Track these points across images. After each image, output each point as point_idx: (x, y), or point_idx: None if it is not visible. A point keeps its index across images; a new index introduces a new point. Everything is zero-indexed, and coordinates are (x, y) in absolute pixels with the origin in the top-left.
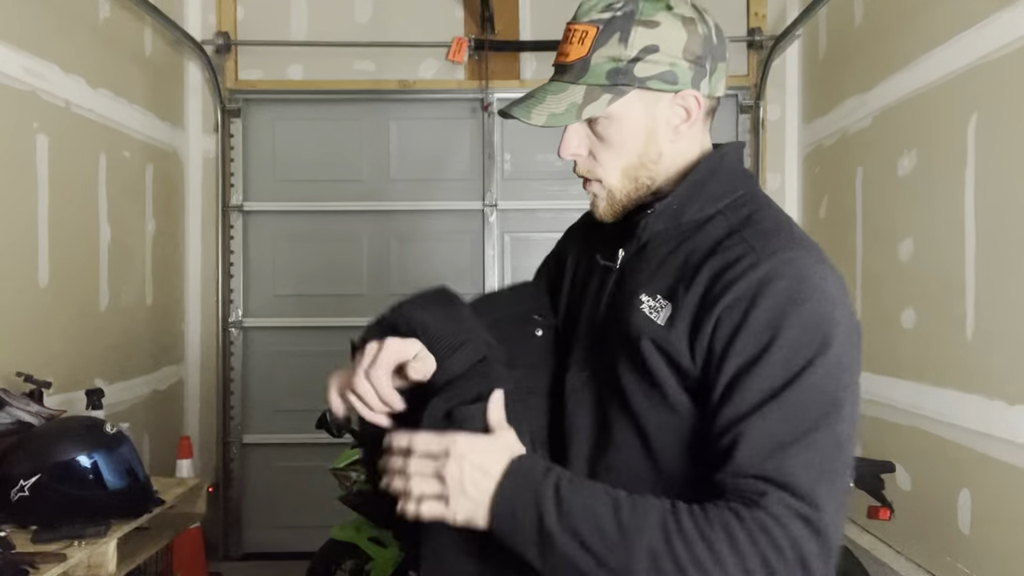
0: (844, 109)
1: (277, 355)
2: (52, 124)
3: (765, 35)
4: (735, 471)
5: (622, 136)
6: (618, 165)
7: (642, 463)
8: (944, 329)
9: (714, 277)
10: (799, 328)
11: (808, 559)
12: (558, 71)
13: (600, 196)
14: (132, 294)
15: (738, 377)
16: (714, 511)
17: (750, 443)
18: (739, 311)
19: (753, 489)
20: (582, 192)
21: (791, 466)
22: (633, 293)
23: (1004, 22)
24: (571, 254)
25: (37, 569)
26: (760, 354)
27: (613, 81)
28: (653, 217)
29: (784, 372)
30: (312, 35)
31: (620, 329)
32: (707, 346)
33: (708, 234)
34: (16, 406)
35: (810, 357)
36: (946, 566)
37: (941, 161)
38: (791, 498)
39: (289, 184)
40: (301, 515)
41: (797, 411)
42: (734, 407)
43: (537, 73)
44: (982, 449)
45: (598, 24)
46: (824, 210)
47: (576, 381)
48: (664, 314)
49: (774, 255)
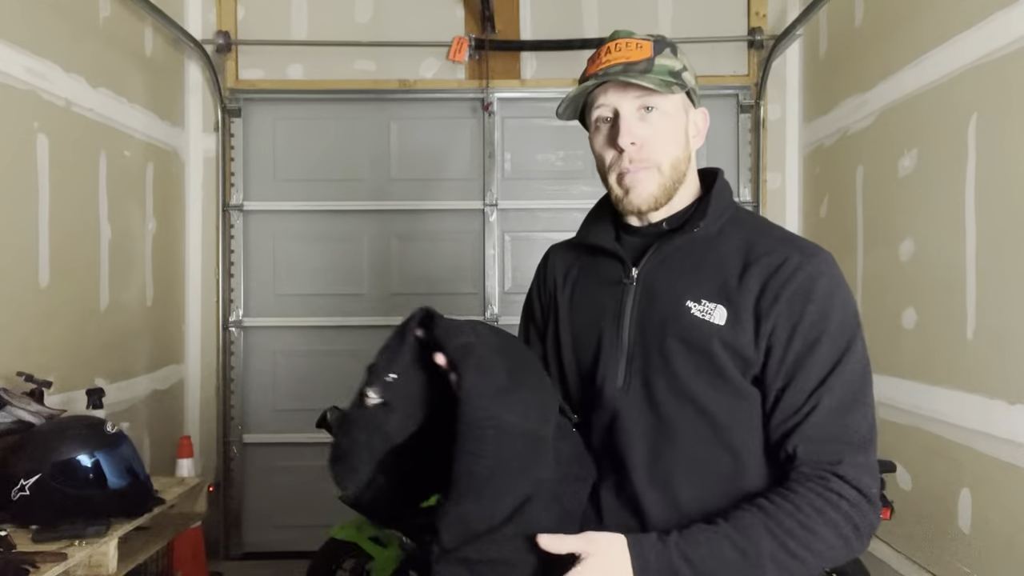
0: (844, 109)
1: (277, 355)
2: (52, 123)
3: (766, 34)
4: (816, 435)
5: (674, 129)
6: (671, 154)
7: (711, 449)
8: (945, 329)
9: (766, 280)
10: (841, 315)
11: (874, 500)
12: (616, 70)
13: (652, 181)
14: (132, 294)
15: (802, 360)
16: (799, 497)
17: (826, 410)
18: (797, 306)
19: (832, 458)
20: (582, 192)
21: (855, 427)
22: (674, 301)
23: (1004, 22)
24: (559, 284)
25: (38, 568)
26: (817, 339)
27: (674, 80)
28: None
29: (836, 351)
30: (312, 35)
31: (676, 334)
32: (770, 336)
33: (729, 245)
34: (17, 405)
35: (850, 338)
36: (946, 565)
37: (941, 161)
38: (861, 457)
39: (289, 184)
40: (301, 514)
41: (849, 380)
42: (805, 384)
43: (537, 72)
44: (982, 449)
45: (649, 39)
46: (824, 210)
47: (620, 392)
48: (719, 315)
49: (812, 257)
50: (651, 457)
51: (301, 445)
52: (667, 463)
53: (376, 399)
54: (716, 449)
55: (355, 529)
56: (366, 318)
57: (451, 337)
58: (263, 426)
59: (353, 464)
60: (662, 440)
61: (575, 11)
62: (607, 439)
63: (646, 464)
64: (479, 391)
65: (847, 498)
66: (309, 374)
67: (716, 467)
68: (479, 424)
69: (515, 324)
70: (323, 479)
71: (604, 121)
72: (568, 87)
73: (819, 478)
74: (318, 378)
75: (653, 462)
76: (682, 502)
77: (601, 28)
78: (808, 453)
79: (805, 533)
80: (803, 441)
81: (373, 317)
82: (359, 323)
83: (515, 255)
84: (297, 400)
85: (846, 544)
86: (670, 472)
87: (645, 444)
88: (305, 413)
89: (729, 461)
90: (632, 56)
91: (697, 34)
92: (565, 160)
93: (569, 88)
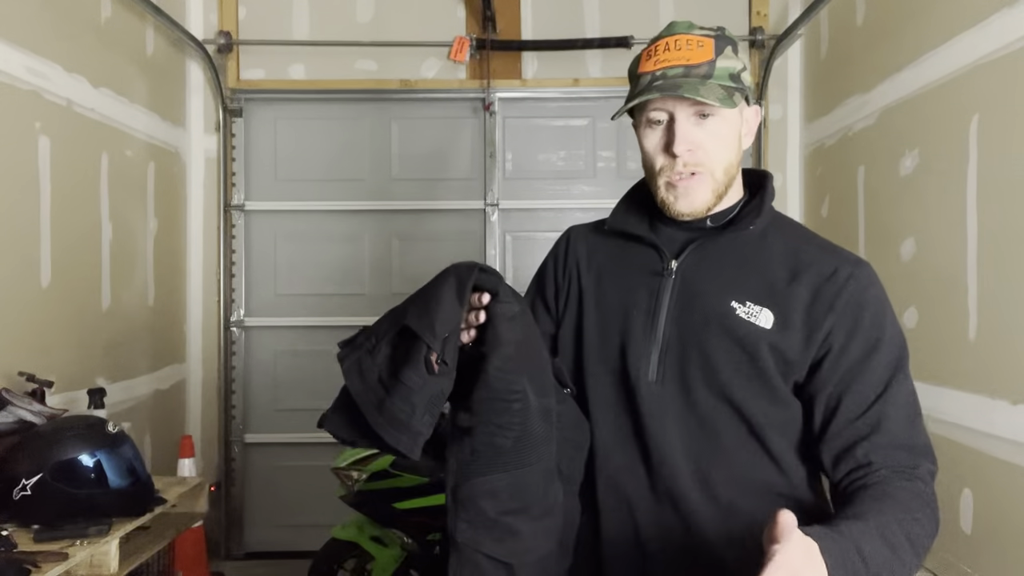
0: (846, 109)
1: (279, 354)
2: (54, 124)
3: (767, 34)
4: (888, 443)
5: (729, 134)
6: (724, 160)
7: (749, 450)
8: (946, 329)
9: (817, 288)
10: (892, 325)
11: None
12: (676, 73)
13: (705, 188)
14: (134, 293)
15: (860, 365)
16: (900, 491)
17: (894, 419)
18: (852, 314)
19: (908, 463)
20: (583, 192)
21: (920, 437)
22: (718, 300)
23: (1005, 22)
24: (582, 268)
25: (39, 568)
26: (874, 347)
27: (735, 84)
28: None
29: (892, 359)
30: (314, 35)
31: (720, 332)
32: (823, 343)
33: (773, 249)
34: (18, 405)
35: (902, 346)
36: (948, 565)
37: (943, 161)
38: (930, 463)
39: (291, 184)
40: (303, 514)
41: (909, 390)
42: (865, 390)
43: (538, 72)
44: (984, 449)
45: (711, 36)
46: (826, 210)
47: (654, 384)
48: (765, 318)
49: (859, 267)
50: (689, 454)
51: (302, 445)
52: (706, 461)
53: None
54: (753, 450)
55: (356, 529)
56: (367, 318)
57: (506, 304)
58: (264, 426)
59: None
60: (700, 437)
61: (576, 11)
62: (636, 429)
63: (686, 460)
64: (515, 366)
65: (928, 493)
66: (310, 374)
67: (754, 469)
68: (506, 398)
69: None
70: (324, 479)
71: (656, 123)
72: (569, 87)
73: (904, 478)
74: (319, 378)
75: (692, 459)
76: (722, 502)
77: (602, 28)
78: (884, 459)
79: (916, 526)
80: (875, 450)
81: (374, 317)
82: (360, 323)
83: (516, 255)
84: (298, 400)
85: (937, 532)
86: (709, 470)
87: (682, 441)
88: (306, 413)
89: (767, 464)
90: (693, 58)
91: None
92: (566, 160)
93: (570, 88)
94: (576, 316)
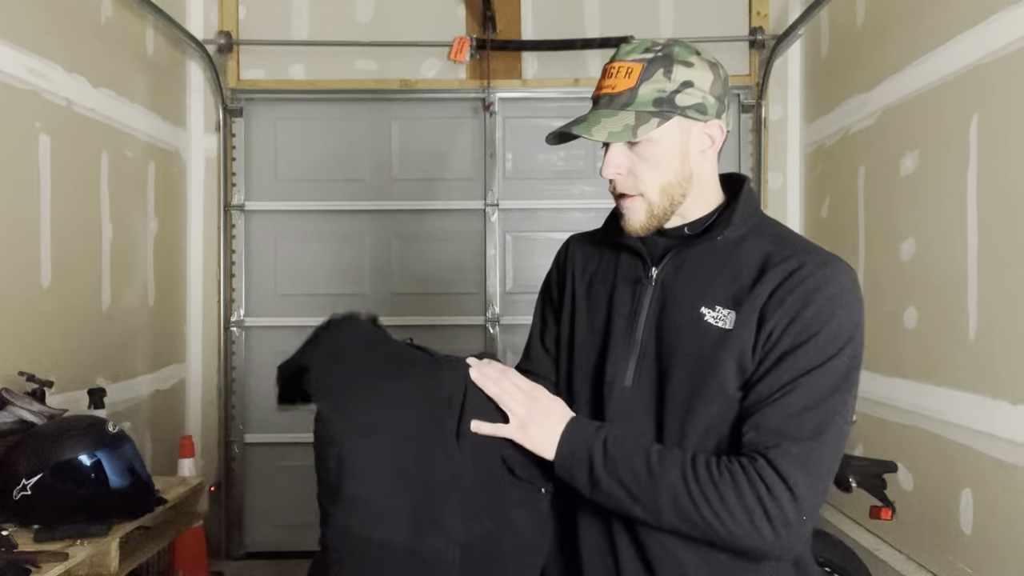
0: (846, 109)
1: (279, 354)
2: (54, 124)
3: (767, 34)
4: (760, 425)
5: (663, 156)
6: (658, 182)
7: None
8: (946, 329)
9: (776, 287)
10: (836, 325)
11: (799, 497)
12: (603, 102)
13: (640, 210)
14: (134, 293)
15: (783, 358)
16: (725, 461)
17: (782, 406)
18: (794, 308)
19: (768, 442)
20: (583, 192)
21: (802, 424)
22: (690, 306)
23: (1005, 22)
24: (576, 277)
25: (39, 568)
26: (804, 341)
27: (659, 108)
28: (700, 240)
29: (818, 356)
30: (314, 35)
31: (688, 339)
32: (766, 337)
33: (748, 253)
34: (18, 405)
35: (839, 348)
36: (948, 566)
37: (943, 161)
38: (795, 447)
39: (291, 184)
40: (303, 514)
41: (819, 384)
42: (775, 379)
43: (539, 73)
44: (984, 449)
45: (642, 61)
46: (826, 210)
47: (628, 390)
48: (729, 320)
49: (824, 265)
50: None
51: (303, 445)
52: None
53: None
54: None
55: None
56: None
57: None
58: (265, 426)
59: None
60: (665, 439)
61: (576, 11)
62: None
63: None
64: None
65: (765, 481)
66: None
67: None
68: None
69: (516, 323)
70: None
71: (601, 147)
72: (569, 87)
73: (748, 457)
74: None
75: None
76: None
77: (602, 28)
78: (751, 439)
79: (712, 490)
80: (751, 428)
81: None
82: None
83: (516, 255)
84: None
85: (753, 527)
86: None
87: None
88: (307, 413)
89: None
90: (618, 86)
91: (698, 34)
92: (566, 160)
93: (570, 88)
94: (570, 325)
